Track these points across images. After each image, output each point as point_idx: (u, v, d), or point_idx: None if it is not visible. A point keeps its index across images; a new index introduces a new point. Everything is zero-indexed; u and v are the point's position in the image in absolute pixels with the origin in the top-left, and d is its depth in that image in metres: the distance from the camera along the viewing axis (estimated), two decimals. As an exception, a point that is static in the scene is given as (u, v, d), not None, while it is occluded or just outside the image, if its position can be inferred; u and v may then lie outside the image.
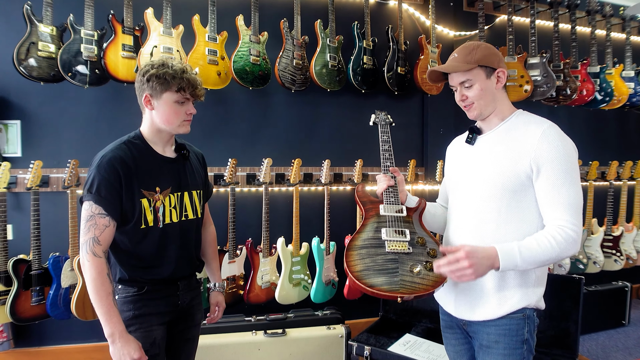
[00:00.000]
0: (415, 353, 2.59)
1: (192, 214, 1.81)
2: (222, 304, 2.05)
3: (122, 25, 2.74)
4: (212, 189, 2.08)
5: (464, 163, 1.68)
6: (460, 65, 1.55)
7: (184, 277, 1.80)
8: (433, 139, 3.73)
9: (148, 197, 1.66)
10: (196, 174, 1.87)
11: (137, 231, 1.66)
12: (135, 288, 1.69)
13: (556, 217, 1.41)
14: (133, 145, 1.69)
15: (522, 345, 1.51)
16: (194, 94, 1.70)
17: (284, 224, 3.30)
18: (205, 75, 2.86)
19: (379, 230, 1.60)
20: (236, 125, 3.31)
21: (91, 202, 1.57)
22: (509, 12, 3.60)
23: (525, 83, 3.48)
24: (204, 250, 2.04)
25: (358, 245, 1.52)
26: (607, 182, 4.02)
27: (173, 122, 1.68)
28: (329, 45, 3.25)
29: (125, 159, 1.62)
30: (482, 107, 1.58)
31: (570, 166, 1.43)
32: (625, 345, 3.61)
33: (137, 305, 1.68)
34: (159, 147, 1.75)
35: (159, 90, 1.64)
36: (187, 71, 1.67)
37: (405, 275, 1.43)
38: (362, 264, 1.43)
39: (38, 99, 2.90)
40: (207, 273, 2.07)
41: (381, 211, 1.69)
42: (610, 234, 3.98)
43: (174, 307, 1.78)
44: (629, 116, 4.55)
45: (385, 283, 1.39)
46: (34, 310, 2.65)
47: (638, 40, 4.43)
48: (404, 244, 1.55)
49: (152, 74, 1.63)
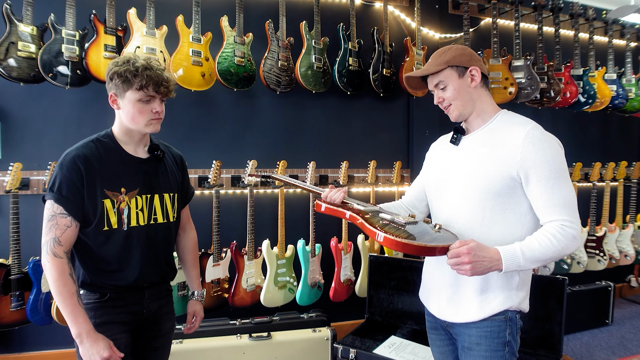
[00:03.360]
0: (400, 355, 2.59)
1: (162, 218, 1.74)
2: (200, 314, 1.99)
3: (105, 26, 2.70)
4: (192, 193, 2.00)
5: (447, 163, 1.68)
6: (431, 68, 1.58)
7: (151, 284, 1.73)
8: (419, 141, 3.74)
9: (111, 198, 1.60)
10: (170, 176, 1.80)
11: (100, 233, 1.60)
12: (96, 294, 1.63)
13: (554, 218, 1.42)
14: (101, 144, 1.63)
15: (503, 348, 1.51)
16: (159, 91, 1.62)
17: (269, 226, 3.28)
18: (190, 76, 2.83)
19: (378, 216, 1.55)
20: (221, 127, 3.29)
21: (52, 201, 1.52)
22: (494, 15, 3.62)
23: (509, 85, 3.51)
24: (182, 257, 1.98)
25: (382, 224, 1.45)
26: (590, 184, 4.07)
27: (139, 121, 1.62)
28: (315, 46, 3.24)
29: (89, 157, 1.57)
30: (460, 108, 1.59)
31: (558, 166, 1.43)
32: (608, 344, 3.64)
33: (98, 312, 1.62)
34: (130, 147, 1.69)
35: (121, 88, 1.58)
36: (151, 67, 1.59)
37: (434, 233, 1.44)
38: (402, 232, 1.38)
39: (18, 100, 2.85)
40: (187, 280, 2.01)
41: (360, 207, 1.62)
42: (593, 235, 4.02)
43: (139, 316, 1.70)
44: (611, 118, 4.61)
45: (433, 239, 1.37)
46: (13, 316, 2.59)
47: (620, 43, 4.49)
48: (408, 217, 1.53)
49: (114, 71, 1.57)
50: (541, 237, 1.40)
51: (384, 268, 3.11)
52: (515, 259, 1.37)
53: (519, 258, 1.37)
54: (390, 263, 3.10)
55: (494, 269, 1.37)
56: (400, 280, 3.06)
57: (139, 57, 1.61)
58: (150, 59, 1.62)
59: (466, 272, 1.34)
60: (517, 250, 1.38)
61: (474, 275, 1.36)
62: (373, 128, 3.72)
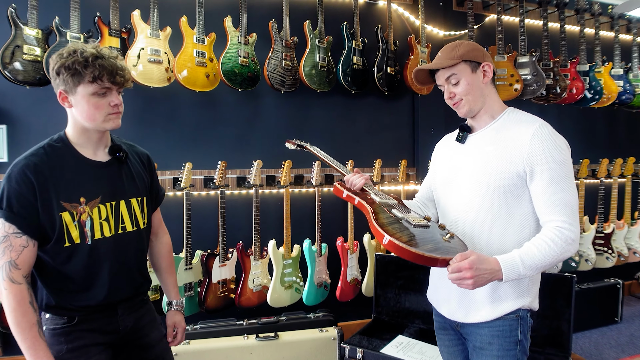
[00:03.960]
0: (408, 355, 2.58)
1: (131, 226, 1.56)
2: (181, 324, 1.82)
3: (109, 28, 2.71)
4: (163, 194, 1.83)
5: (454, 162, 1.66)
6: (444, 62, 1.56)
7: (124, 299, 1.56)
8: (424, 139, 3.72)
9: (70, 210, 1.41)
10: (137, 178, 1.62)
11: (61, 250, 1.41)
12: (64, 318, 1.46)
13: (553, 219, 1.40)
14: (53, 150, 1.44)
15: (515, 347, 1.50)
16: (115, 82, 1.43)
17: (275, 226, 3.28)
18: (194, 77, 2.83)
19: (390, 211, 1.52)
20: (225, 128, 3.28)
21: (3, 220, 1.34)
22: (498, 12, 3.61)
23: (515, 82, 3.49)
24: (157, 264, 1.83)
25: (387, 222, 1.41)
26: (597, 180, 4.04)
27: (96, 118, 1.43)
28: (318, 46, 3.23)
29: (40, 165, 1.38)
30: (471, 103, 1.57)
31: (564, 166, 1.42)
32: (618, 342, 3.62)
33: (69, 338, 1.45)
34: (87, 150, 1.50)
35: (71, 83, 1.39)
36: (103, 56, 1.41)
37: (442, 242, 1.40)
38: (404, 235, 1.35)
39: (24, 103, 2.86)
40: (163, 290, 1.86)
41: (377, 199, 1.62)
42: (601, 232, 3.99)
43: (115, 335, 1.55)
44: (618, 114, 4.57)
45: (436, 249, 1.33)
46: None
47: (626, 38, 4.45)
48: (421, 219, 1.51)
49: (60, 65, 1.38)
50: (540, 242, 1.39)
51: (391, 267, 3.10)
52: (515, 269, 1.36)
53: (519, 267, 1.36)
54: (396, 262, 3.09)
55: (495, 279, 1.36)
56: (407, 279, 3.04)
57: (86, 46, 1.41)
58: (98, 47, 1.44)
59: (468, 286, 1.32)
60: (516, 259, 1.36)
61: (475, 288, 1.34)
62: (378, 127, 3.71)
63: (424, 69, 1.63)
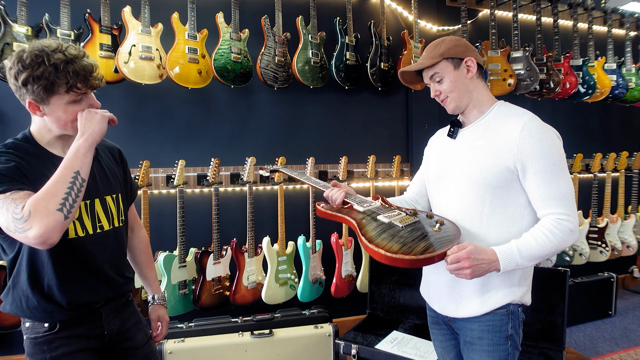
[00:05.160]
0: (402, 350, 2.58)
1: (107, 224, 1.49)
2: (164, 317, 1.78)
3: (100, 25, 2.69)
4: (136, 189, 1.77)
5: (445, 157, 1.66)
6: (426, 61, 1.56)
7: (107, 300, 1.51)
8: (418, 135, 3.72)
9: None
10: (110, 175, 1.54)
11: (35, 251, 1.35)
12: (46, 324, 1.39)
13: (550, 212, 1.41)
14: (18, 148, 1.34)
15: (506, 341, 1.50)
16: (92, 85, 1.34)
17: (269, 223, 3.28)
18: (186, 74, 2.82)
19: (376, 219, 1.51)
20: (218, 125, 3.27)
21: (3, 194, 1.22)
22: (492, 6, 3.60)
23: (508, 77, 3.49)
24: (136, 259, 1.78)
25: (375, 234, 1.40)
26: (591, 174, 4.05)
27: (75, 125, 1.34)
28: (311, 41, 3.22)
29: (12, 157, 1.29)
30: (457, 100, 1.57)
31: (556, 157, 1.41)
32: (611, 335, 3.64)
33: (52, 346, 1.39)
34: (56, 149, 1.41)
35: (43, 95, 1.28)
36: (72, 59, 1.28)
37: (434, 234, 1.39)
38: (395, 242, 1.33)
39: (15, 101, 2.80)
40: (143, 285, 1.82)
41: (360, 209, 1.61)
42: (595, 226, 4.01)
43: (101, 339, 1.49)
44: (611, 108, 4.59)
45: (429, 246, 1.32)
46: (14, 318, 2.58)
47: (619, 33, 4.46)
48: (407, 217, 1.50)
49: (28, 75, 1.24)
50: (537, 233, 1.39)
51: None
52: (513, 258, 1.37)
53: (516, 257, 1.37)
54: (391, 258, 3.08)
55: (492, 269, 1.37)
56: (401, 274, 3.05)
57: (47, 46, 1.28)
58: (62, 45, 1.30)
59: (466, 276, 1.33)
60: (513, 249, 1.37)
61: (473, 278, 1.35)
62: (372, 122, 3.70)
63: (406, 70, 1.65)
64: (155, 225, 2.95)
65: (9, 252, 1.38)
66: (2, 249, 1.40)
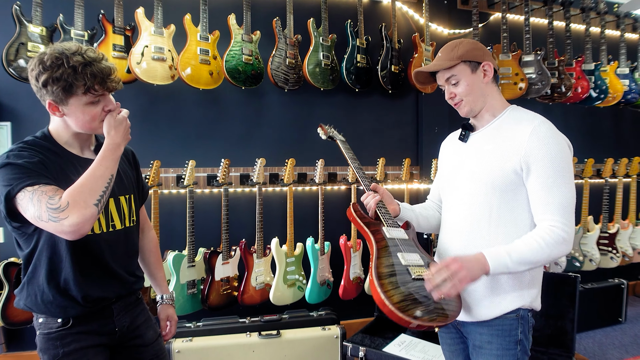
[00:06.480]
0: (410, 353, 2.57)
1: (120, 224, 1.53)
2: (173, 317, 1.82)
3: (113, 25, 2.72)
4: (147, 190, 1.81)
5: (456, 161, 1.66)
6: (443, 63, 1.54)
7: (118, 297, 1.54)
8: (428, 138, 3.71)
9: None
10: (123, 176, 1.59)
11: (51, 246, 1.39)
12: (59, 319, 1.42)
13: (546, 218, 1.39)
14: (40, 147, 1.38)
15: (515, 346, 1.49)
16: (109, 87, 1.38)
17: (278, 224, 3.28)
18: (198, 75, 2.84)
19: (396, 255, 1.48)
20: (229, 126, 3.29)
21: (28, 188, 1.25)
22: (503, 10, 3.59)
23: (519, 81, 3.47)
24: (144, 259, 1.81)
25: (386, 273, 1.39)
26: (602, 180, 4.01)
27: (93, 126, 1.41)
28: (322, 44, 3.23)
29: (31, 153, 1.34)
30: (472, 103, 1.56)
31: (562, 165, 1.40)
32: (621, 342, 3.60)
33: (65, 341, 1.42)
34: (74, 149, 1.47)
35: (62, 96, 1.32)
36: (91, 62, 1.33)
37: (433, 304, 1.33)
38: (398, 293, 1.31)
39: (29, 101, 2.86)
40: (152, 285, 1.85)
41: (387, 235, 1.58)
42: (606, 232, 3.97)
43: (112, 336, 1.53)
44: (623, 113, 4.54)
45: (425, 313, 1.29)
46: (25, 314, 2.62)
47: (632, 37, 4.42)
48: (423, 268, 1.45)
49: (48, 77, 1.29)
50: (529, 239, 1.38)
51: (394, 266, 3.09)
52: (502, 260, 1.35)
53: (506, 260, 1.35)
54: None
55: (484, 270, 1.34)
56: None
57: (67, 49, 1.33)
58: (81, 48, 1.35)
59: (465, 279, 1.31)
60: (502, 252, 1.36)
61: (472, 280, 1.33)
62: (382, 125, 3.70)
63: (423, 71, 1.63)
64: (164, 224, 2.97)
65: (24, 247, 1.42)
66: (18, 244, 1.43)
